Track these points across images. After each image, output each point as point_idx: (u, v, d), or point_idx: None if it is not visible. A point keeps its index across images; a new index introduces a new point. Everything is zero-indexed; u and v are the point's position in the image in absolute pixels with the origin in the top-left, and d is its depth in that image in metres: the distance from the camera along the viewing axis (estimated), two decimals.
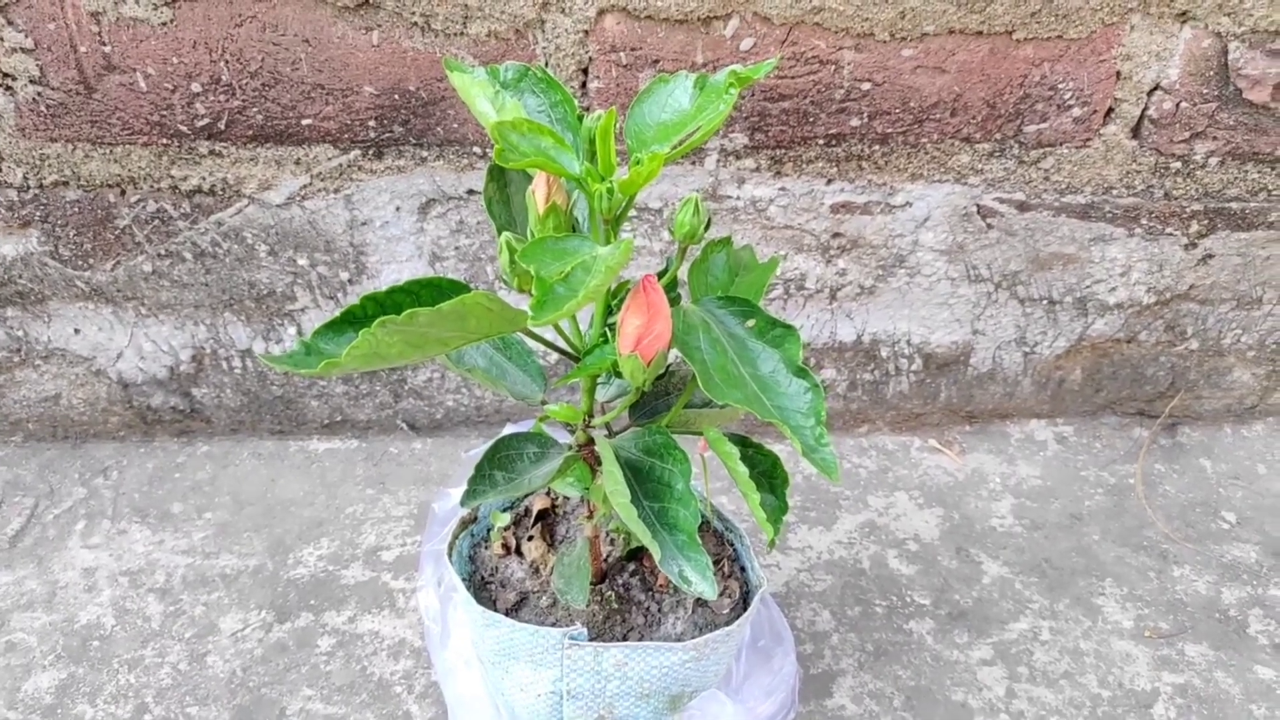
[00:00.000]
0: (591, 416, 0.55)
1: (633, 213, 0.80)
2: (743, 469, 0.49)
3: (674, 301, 0.55)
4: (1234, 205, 0.85)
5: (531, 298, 0.39)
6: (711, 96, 0.46)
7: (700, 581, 0.47)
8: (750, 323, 0.49)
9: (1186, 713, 0.74)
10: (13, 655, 0.75)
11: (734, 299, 0.50)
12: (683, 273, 0.53)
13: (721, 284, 0.58)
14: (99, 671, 0.74)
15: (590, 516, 0.60)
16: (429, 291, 0.47)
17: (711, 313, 0.50)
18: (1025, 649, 0.78)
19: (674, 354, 0.48)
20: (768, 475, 0.54)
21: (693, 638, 0.62)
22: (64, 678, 0.74)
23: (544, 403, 0.57)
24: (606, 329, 0.50)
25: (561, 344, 0.52)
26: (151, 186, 0.76)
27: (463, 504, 0.49)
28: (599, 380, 0.54)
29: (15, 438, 0.95)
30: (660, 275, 0.57)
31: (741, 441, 0.54)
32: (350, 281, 0.83)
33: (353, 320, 0.44)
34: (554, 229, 0.47)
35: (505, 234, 0.44)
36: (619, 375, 0.50)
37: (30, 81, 0.71)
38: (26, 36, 0.69)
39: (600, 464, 0.53)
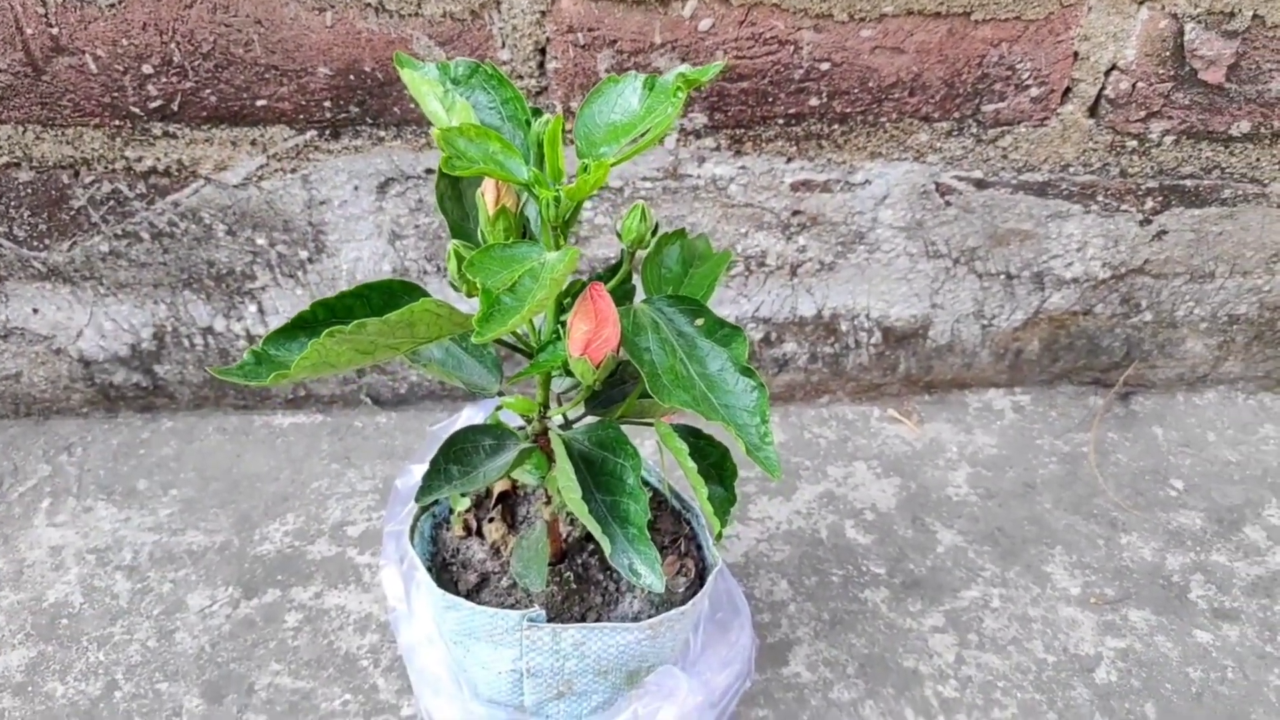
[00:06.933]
0: (547, 408, 0.56)
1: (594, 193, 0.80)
2: (691, 464, 0.50)
3: (626, 297, 0.55)
4: (1188, 183, 0.86)
5: (477, 312, 0.39)
6: (661, 98, 0.47)
7: (649, 574, 0.49)
8: (699, 321, 0.50)
9: (1127, 676, 0.77)
10: None
11: (683, 298, 0.51)
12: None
13: (675, 276, 0.59)
14: (68, 649, 0.75)
15: (548, 503, 0.62)
16: (379, 295, 0.47)
17: (661, 311, 0.50)
18: (976, 616, 0.81)
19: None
20: (717, 467, 0.55)
21: (649, 616, 0.63)
22: (34, 656, 0.75)
23: (500, 394, 0.58)
24: (559, 326, 0.51)
25: (513, 340, 0.53)
26: (105, 168, 0.75)
27: (418, 500, 0.50)
28: (554, 373, 0.55)
29: None
30: (611, 272, 0.58)
31: (692, 434, 0.56)
32: (310, 260, 0.83)
33: (304, 325, 0.45)
34: (504, 230, 0.48)
35: (454, 242, 0.44)
36: (570, 375, 0.51)
37: None
38: None
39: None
